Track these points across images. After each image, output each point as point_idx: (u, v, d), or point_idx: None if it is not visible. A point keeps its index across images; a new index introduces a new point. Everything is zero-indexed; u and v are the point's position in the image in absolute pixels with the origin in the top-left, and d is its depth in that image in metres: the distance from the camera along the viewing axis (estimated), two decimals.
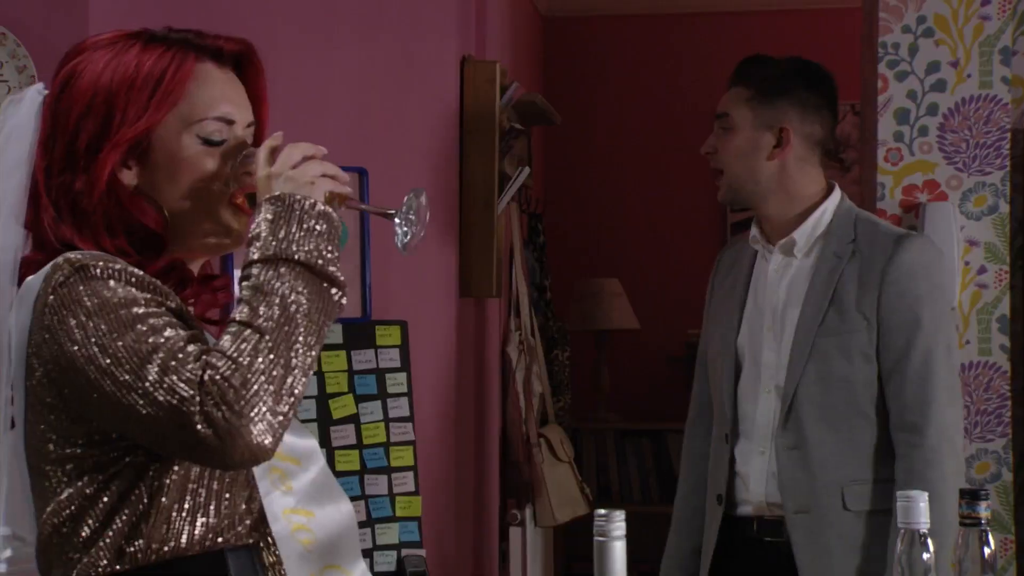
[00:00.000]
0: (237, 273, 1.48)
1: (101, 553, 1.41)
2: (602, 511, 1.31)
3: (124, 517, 1.41)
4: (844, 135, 5.03)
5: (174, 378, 1.33)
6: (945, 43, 3.17)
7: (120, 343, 1.35)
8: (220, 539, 1.45)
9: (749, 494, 2.46)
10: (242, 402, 1.31)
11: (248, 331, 1.35)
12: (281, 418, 1.34)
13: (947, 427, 2.34)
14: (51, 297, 1.40)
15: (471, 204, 3.13)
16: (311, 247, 1.41)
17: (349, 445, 2.92)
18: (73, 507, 1.42)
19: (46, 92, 1.54)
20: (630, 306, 4.84)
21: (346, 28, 3.07)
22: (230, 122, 1.53)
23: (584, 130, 5.05)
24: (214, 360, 1.33)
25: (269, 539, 1.49)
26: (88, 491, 1.42)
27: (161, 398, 1.32)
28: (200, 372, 1.33)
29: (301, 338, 1.37)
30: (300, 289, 1.38)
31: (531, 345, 3.64)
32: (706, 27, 5.08)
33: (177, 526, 1.42)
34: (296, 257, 1.40)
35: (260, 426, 1.32)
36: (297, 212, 1.42)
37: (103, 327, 1.37)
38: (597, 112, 5.11)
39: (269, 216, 1.42)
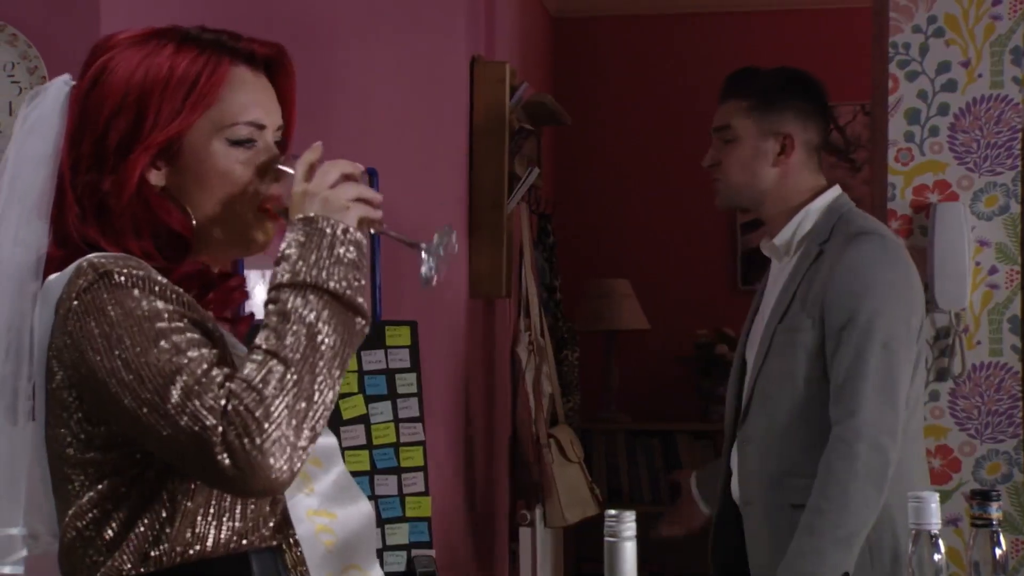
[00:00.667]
0: (247, 274, 1.48)
1: (124, 557, 1.41)
2: (612, 512, 1.31)
3: (148, 521, 1.41)
4: (854, 135, 5.02)
5: (197, 403, 1.32)
6: (956, 43, 3.17)
7: (144, 359, 1.34)
8: (244, 541, 1.44)
9: (732, 489, 2.54)
10: (264, 435, 1.30)
11: (274, 361, 1.34)
12: (301, 452, 1.34)
13: (869, 425, 2.30)
14: (75, 302, 1.39)
15: (481, 204, 3.13)
16: (340, 275, 1.39)
17: (359, 446, 2.92)
18: (96, 511, 1.42)
19: (73, 83, 1.52)
20: (639, 306, 4.84)
21: (355, 29, 3.07)
22: (261, 127, 1.51)
23: (594, 130, 5.05)
24: (238, 390, 1.32)
25: (292, 540, 1.48)
26: (110, 495, 1.42)
27: (183, 423, 1.32)
28: (224, 401, 1.32)
29: (325, 371, 1.36)
30: (327, 319, 1.37)
31: (541, 345, 3.64)
32: (716, 27, 5.08)
33: (202, 529, 1.42)
34: (326, 286, 1.38)
35: (281, 460, 1.32)
36: (328, 237, 1.40)
37: (127, 341, 1.36)
38: (607, 112, 5.11)
39: (301, 238, 1.40)
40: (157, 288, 1.40)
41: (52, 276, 1.45)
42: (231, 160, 1.49)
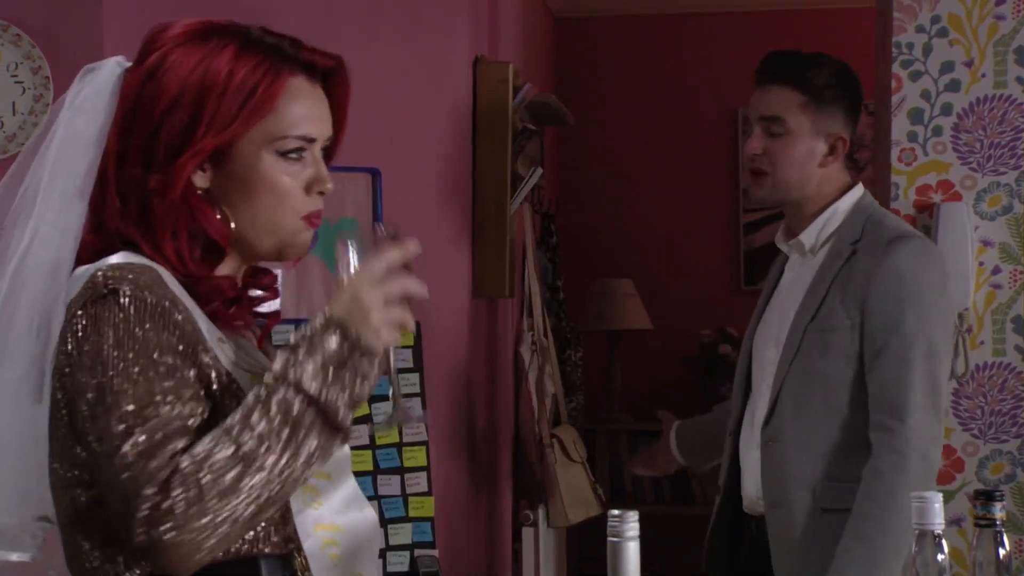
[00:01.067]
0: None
1: (129, 574, 1.40)
2: (615, 512, 1.31)
3: None
4: (858, 135, 5.01)
5: (142, 464, 1.30)
6: (959, 43, 3.16)
7: (117, 398, 1.33)
8: (255, 550, 1.43)
9: (745, 489, 2.49)
10: (187, 530, 1.29)
11: (234, 459, 1.31)
12: (216, 549, 1.32)
13: (918, 434, 2.29)
14: (79, 311, 1.38)
15: (484, 204, 3.13)
16: (340, 394, 1.37)
17: (362, 446, 2.92)
18: (94, 515, 1.41)
19: (127, 65, 1.50)
20: (643, 306, 4.84)
21: (358, 28, 3.07)
22: (311, 140, 1.50)
23: (597, 130, 5.05)
24: (187, 471, 1.30)
25: (299, 547, 1.47)
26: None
27: (123, 477, 1.31)
28: (167, 474, 1.29)
29: (279, 486, 1.34)
30: (307, 432, 1.35)
31: (544, 345, 3.64)
32: (719, 27, 5.08)
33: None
34: (323, 402, 1.36)
35: (193, 554, 1.31)
36: (346, 352, 1.37)
37: (110, 371, 1.34)
38: (610, 112, 5.10)
39: (323, 343, 1.37)
40: (160, 317, 1.38)
41: (80, 269, 1.44)
42: (279, 171, 1.48)
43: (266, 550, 1.44)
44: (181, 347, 1.39)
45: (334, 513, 1.52)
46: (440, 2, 3.09)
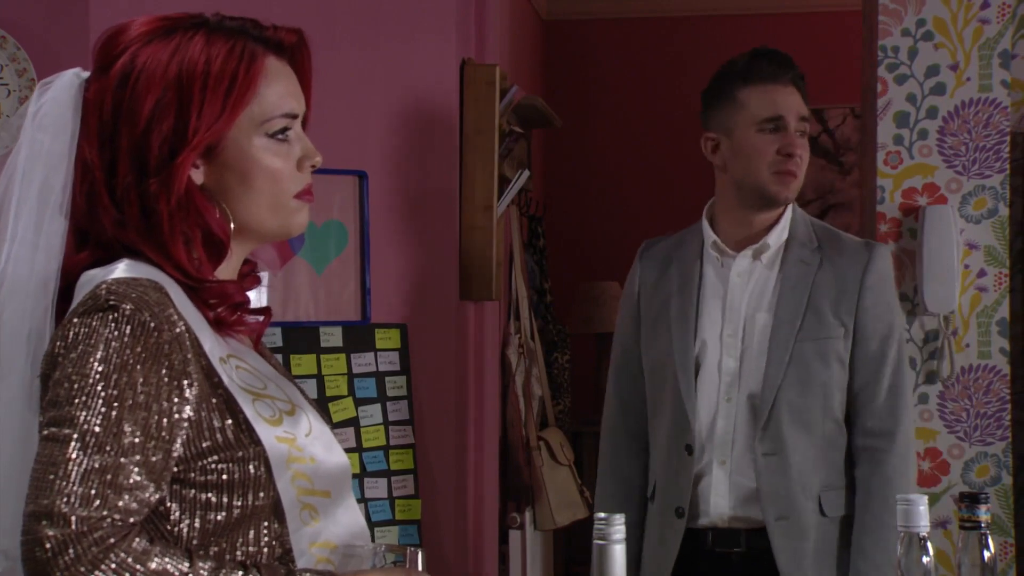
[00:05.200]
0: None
1: None
2: (602, 514, 1.31)
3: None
4: (844, 138, 5.02)
5: (77, 526, 1.27)
6: (945, 46, 3.18)
7: (90, 437, 1.30)
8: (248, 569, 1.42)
9: (708, 506, 2.40)
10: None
11: None
12: None
13: (911, 436, 2.39)
14: (75, 319, 1.36)
15: (471, 207, 3.13)
16: None
17: (349, 448, 2.92)
18: None
19: (85, 76, 1.47)
20: None
21: (346, 30, 3.07)
22: (295, 116, 1.50)
23: (584, 133, 5.06)
24: (113, 565, 1.27)
25: (292, 564, 1.45)
26: None
27: (40, 523, 1.27)
28: (93, 554, 1.26)
29: None
30: None
31: (531, 348, 3.64)
32: (706, 30, 5.09)
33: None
34: None
35: None
36: None
37: (94, 401, 1.31)
38: (597, 115, 5.11)
39: None
40: (152, 340, 1.35)
41: (86, 275, 1.41)
42: (271, 154, 1.47)
43: (260, 570, 1.40)
44: (168, 379, 1.36)
45: (331, 531, 1.49)
46: (427, 5, 3.09)
